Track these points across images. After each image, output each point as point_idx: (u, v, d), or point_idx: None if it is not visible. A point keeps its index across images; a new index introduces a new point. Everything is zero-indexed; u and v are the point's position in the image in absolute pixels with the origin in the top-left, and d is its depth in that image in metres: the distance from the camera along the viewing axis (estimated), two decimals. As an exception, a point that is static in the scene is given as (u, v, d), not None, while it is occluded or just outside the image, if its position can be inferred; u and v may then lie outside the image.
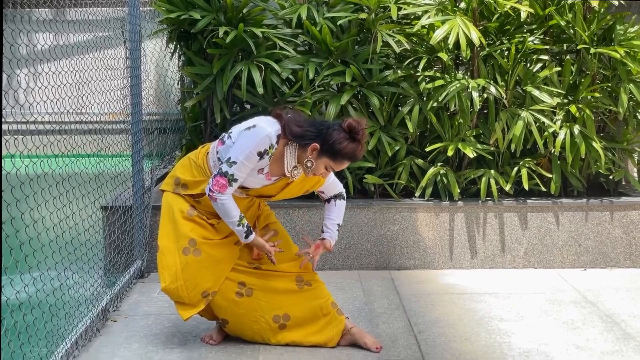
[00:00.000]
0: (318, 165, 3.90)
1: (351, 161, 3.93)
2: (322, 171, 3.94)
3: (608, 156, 6.12)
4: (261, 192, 4.12)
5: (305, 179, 4.10)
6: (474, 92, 5.85)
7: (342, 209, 4.31)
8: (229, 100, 6.11)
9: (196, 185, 4.08)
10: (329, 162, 3.88)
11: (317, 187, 4.21)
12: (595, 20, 6.04)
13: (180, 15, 5.80)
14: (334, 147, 3.82)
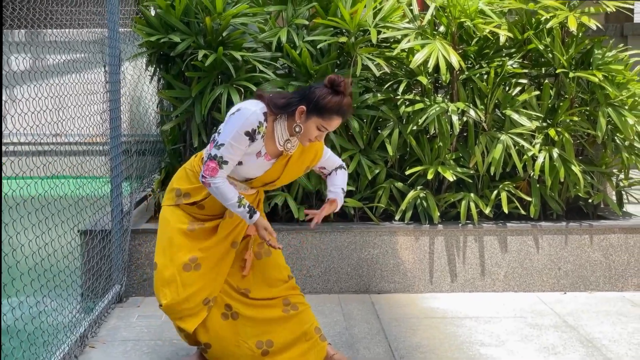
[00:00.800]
0: (308, 127, 3.80)
1: (340, 116, 3.80)
2: (315, 133, 3.83)
3: (587, 180, 6.15)
4: (264, 180, 4.02)
5: (302, 154, 4.02)
6: (453, 116, 5.86)
7: (344, 177, 4.26)
8: (209, 123, 6.09)
9: (197, 192, 4.03)
10: (318, 121, 3.79)
11: (316, 161, 4.14)
12: (573, 44, 6.08)
13: (160, 38, 5.78)
14: (319, 103, 3.75)
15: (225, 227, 4.06)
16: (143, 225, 5.94)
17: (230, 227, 4.08)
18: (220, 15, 5.83)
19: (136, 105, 7.20)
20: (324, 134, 3.88)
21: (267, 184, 4.07)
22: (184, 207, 4.09)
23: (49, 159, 4.44)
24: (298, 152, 4.01)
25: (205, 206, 4.05)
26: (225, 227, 4.06)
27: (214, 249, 4.06)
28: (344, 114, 3.82)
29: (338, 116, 3.79)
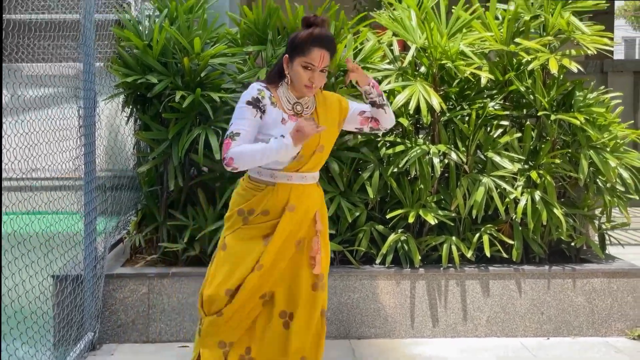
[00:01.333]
0: (296, 72, 3.74)
1: (317, 45, 3.70)
2: (306, 74, 3.72)
3: (569, 222, 6.08)
4: (309, 149, 3.84)
5: (327, 110, 3.95)
6: (434, 158, 5.79)
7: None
8: (186, 164, 5.99)
9: (257, 202, 3.87)
10: (301, 60, 3.71)
11: (344, 110, 4.04)
12: (554, 86, 6.04)
13: (137, 79, 5.69)
14: (295, 42, 3.74)
15: (286, 221, 3.87)
16: (118, 270, 5.81)
17: (292, 220, 3.88)
18: (199, 56, 5.76)
19: (113, 140, 7.11)
20: (317, 72, 3.74)
21: (314, 152, 3.86)
22: (251, 226, 3.91)
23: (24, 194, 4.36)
24: (322, 109, 3.93)
25: (269, 210, 3.87)
26: (286, 221, 3.87)
27: (278, 251, 3.89)
28: (320, 41, 3.71)
29: (315, 46, 3.69)
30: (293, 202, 3.86)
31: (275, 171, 3.85)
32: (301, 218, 3.90)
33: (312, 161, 3.89)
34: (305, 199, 3.91)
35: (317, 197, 4.01)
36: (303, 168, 3.87)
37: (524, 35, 6.09)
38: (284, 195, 3.86)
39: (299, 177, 3.88)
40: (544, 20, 6.11)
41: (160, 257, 6.03)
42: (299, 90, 3.82)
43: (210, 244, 5.80)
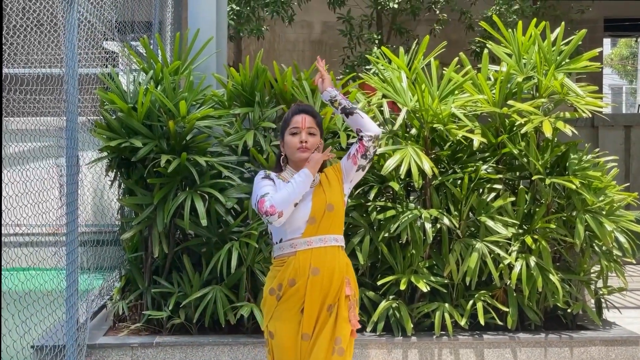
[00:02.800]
0: (287, 142, 3.97)
1: (298, 112, 3.99)
2: (294, 140, 3.94)
3: (565, 288, 5.92)
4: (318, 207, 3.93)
5: (329, 179, 4.04)
6: (426, 223, 5.64)
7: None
8: (172, 229, 5.82)
9: (281, 275, 3.93)
10: (288, 130, 3.97)
11: (339, 167, 4.10)
12: (548, 149, 5.92)
13: (121, 143, 5.54)
14: (282, 123, 4.06)
15: (312, 286, 3.87)
16: (100, 339, 5.62)
17: (319, 285, 3.89)
18: (184, 119, 5.62)
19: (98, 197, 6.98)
20: (304, 134, 3.93)
21: (324, 211, 3.93)
22: (284, 303, 3.94)
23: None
24: (325, 179, 4.03)
25: (294, 279, 3.90)
26: (312, 286, 3.87)
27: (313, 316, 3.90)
28: (298, 108, 4.03)
29: (295, 114, 3.99)
30: (316, 265, 3.89)
31: (295, 240, 3.92)
32: (327, 281, 3.90)
33: (325, 221, 3.94)
34: (328, 262, 3.92)
35: (342, 261, 4.00)
36: (319, 230, 3.92)
37: (516, 97, 5.98)
38: (305, 261, 3.89)
39: (317, 240, 3.92)
40: (537, 82, 6.00)
41: (144, 325, 5.83)
42: (296, 161, 3.96)
43: (196, 311, 5.62)
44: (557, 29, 6.04)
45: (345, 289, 3.94)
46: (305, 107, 4.06)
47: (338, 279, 3.92)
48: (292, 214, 3.87)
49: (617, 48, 35.95)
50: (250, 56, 6.47)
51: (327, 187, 4.00)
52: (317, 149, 3.96)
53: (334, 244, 3.96)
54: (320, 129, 4.04)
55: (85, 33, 5.92)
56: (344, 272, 3.96)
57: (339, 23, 11.98)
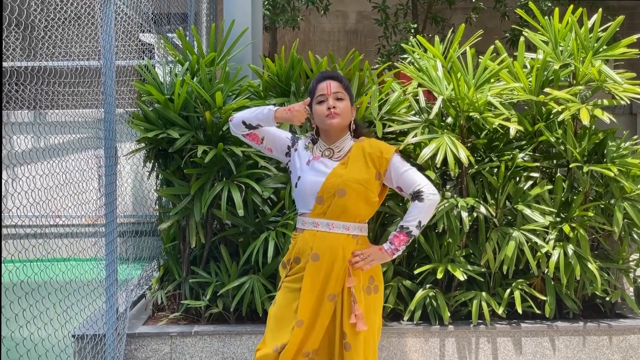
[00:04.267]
0: (316, 111, 3.89)
1: (322, 79, 3.91)
2: (322, 107, 3.86)
3: (604, 277, 5.87)
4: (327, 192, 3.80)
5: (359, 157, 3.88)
6: (463, 212, 5.62)
7: (416, 209, 3.91)
8: (209, 219, 5.86)
9: (292, 249, 3.94)
10: (315, 99, 3.88)
11: (386, 163, 3.91)
12: (586, 136, 5.86)
13: (158, 134, 5.59)
14: (309, 92, 3.99)
15: (310, 272, 3.79)
16: (139, 328, 5.68)
17: (317, 271, 3.80)
18: (221, 109, 5.65)
19: (137, 187, 7.05)
20: (331, 100, 3.84)
21: (334, 194, 3.78)
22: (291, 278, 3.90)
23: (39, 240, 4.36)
24: (354, 155, 3.89)
25: (299, 257, 3.86)
26: (310, 272, 3.79)
27: (309, 304, 3.79)
28: (322, 76, 3.93)
29: (319, 82, 3.90)
30: (316, 251, 3.78)
31: (304, 217, 3.86)
32: (327, 270, 3.77)
33: (334, 206, 3.79)
34: (331, 250, 3.78)
35: (350, 250, 3.84)
36: (327, 214, 3.79)
37: (553, 85, 5.93)
38: (308, 243, 3.81)
39: (324, 225, 3.80)
40: (574, 69, 5.95)
41: (182, 314, 5.89)
42: (325, 129, 3.87)
43: (233, 300, 5.66)
44: (594, 15, 5.97)
45: (348, 279, 3.79)
46: (330, 72, 3.95)
47: (340, 268, 3.78)
48: (302, 181, 3.82)
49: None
50: (285, 47, 6.48)
51: (353, 168, 3.82)
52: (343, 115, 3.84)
53: (342, 232, 3.81)
54: (349, 92, 3.92)
55: (122, 25, 5.99)
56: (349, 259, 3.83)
57: (374, 12, 11.97)
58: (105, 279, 5.24)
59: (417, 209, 3.89)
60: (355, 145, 3.91)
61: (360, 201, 3.83)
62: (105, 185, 5.30)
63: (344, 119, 3.87)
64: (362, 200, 3.83)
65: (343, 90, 3.86)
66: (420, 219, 3.89)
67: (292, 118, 3.84)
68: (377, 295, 3.95)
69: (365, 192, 3.83)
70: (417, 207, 3.89)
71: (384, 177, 3.93)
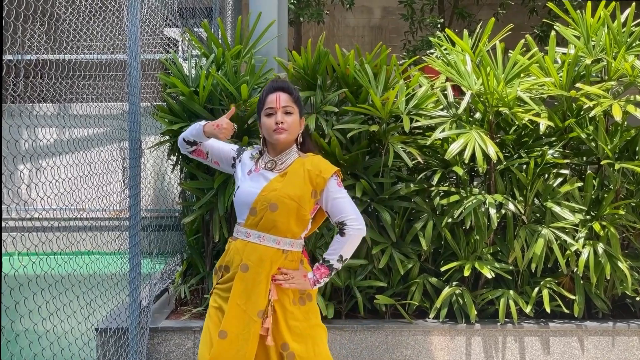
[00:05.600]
0: (263, 124, 3.73)
1: (271, 90, 3.74)
2: (270, 120, 3.69)
3: (634, 276, 5.76)
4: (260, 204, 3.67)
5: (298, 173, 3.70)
6: (491, 209, 5.53)
7: (337, 243, 3.74)
8: (233, 213, 5.80)
9: (223, 256, 3.81)
10: (263, 111, 3.73)
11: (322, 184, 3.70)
12: (618, 133, 5.75)
13: (183, 126, 5.54)
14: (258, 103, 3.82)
15: (238, 283, 3.64)
16: (162, 323, 5.64)
17: (245, 283, 3.64)
18: (246, 102, 5.59)
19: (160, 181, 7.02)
20: (279, 114, 3.68)
21: (265, 208, 3.65)
22: (220, 287, 3.77)
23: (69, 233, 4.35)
24: (293, 170, 3.73)
25: (229, 266, 3.73)
26: (238, 283, 3.64)
27: (235, 316, 3.63)
28: (270, 87, 3.77)
29: (268, 93, 3.75)
30: (245, 262, 3.65)
31: (239, 226, 3.75)
32: (257, 282, 3.63)
33: (266, 220, 3.66)
34: (260, 262, 3.64)
35: (278, 264, 3.70)
36: (259, 226, 3.67)
37: (584, 80, 5.82)
38: (239, 252, 3.70)
39: (256, 236, 3.67)
40: (606, 64, 5.84)
41: (205, 308, 5.82)
42: (274, 143, 3.73)
43: (257, 296, 5.59)
44: (627, 10, 5.86)
45: (271, 292, 3.65)
46: (280, 83, 3.77)
47: (267, 281, 3.65)
48: (239, 191, 3.73)
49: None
50: (310, 39, 6.41)
51: (289, 182, 3.70)
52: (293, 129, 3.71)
53: (273, 245, 3.66)
54: (298, 105, 3.77)
55: (148, 18, 5.94)
56: (276, 273, 3.68)
57: (399, 8, 11.90)
58: (128, 272, 5.20)
59: (338, 243, 3.74)
60: (298, 159, 3.77)
61: (292, 217, 3.69)
62: (129, 177, 5.26)
63: (291, 134, 3.74)
64: (293, 216, 3.69)
65: (293, 103, 3.73)
66: (342, 253, 3.74)
67: (218, 134, 3.75)
68: (312, 302, 3.85)
69: (297, 209, 3.68)
70: (338, 241, 3.74)
71: (319, 196, 3.76)
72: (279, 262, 3.68)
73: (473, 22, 11.66)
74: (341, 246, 3.73)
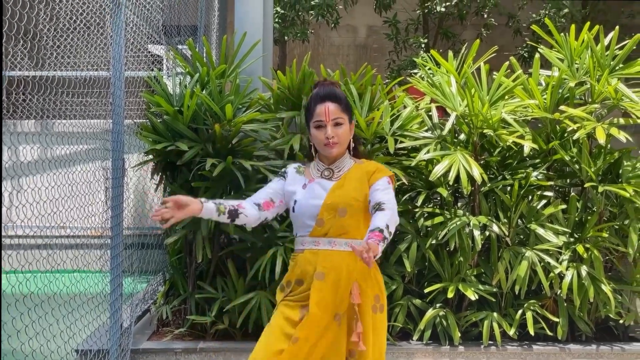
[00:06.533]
0: (313, 135, 3.69)
1: (319, 100, 3.66)
2: (320, 133, 3.65)
3: (617, 299, 5.76)
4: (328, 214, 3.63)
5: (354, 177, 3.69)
6: (475, 230, 5.53)
7: (380, 215, 3.49)
8: (217, 233, 5.77)
9: (292, 271, 3.76)
10: (313, 122, 3.67)
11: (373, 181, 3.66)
12: (601, 155, 5.77)
13: (167, 146, 5.51)
14: (305, 110, 3.79)
15: (318, 291, 3.60)
16: (144, 344, 5.59)
17: (324, 290, 3.60)
18: (231, 122, 5.57)
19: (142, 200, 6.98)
20: (330, 127, 3.63)
21: (334, 215, 3.61)
22: (290, 298, 3.72)
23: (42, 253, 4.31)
24: (350, 175, 3.72)
25: (302, 279, 3.69)
26: (317, 291, 3.60)
27: (312, 322, 3.58)
28: (318, 97, 3.69)
29: (316, 103, 3.68)
30: (320, 270, 3.62)
31: (304, 237, 3.71)
32: (334, 288, 3.61)
33: (335, 227, 3.63)
34: (335, 267, 3.62)
35: (354, 267, 3.63)
36: (329, 233, 3.64)
37: (568, 103, 5.84)
38: (311, 262, 3.66)
39: (326, 243, 3.65)
40: (589, 87, 5.86)
41: (187, 330, 5.79)
42: (325, 155, 3.71)
43: (240, 316, 5.56)
44: (609, 33, 5.89)
45: (353, 296, 3.60)
46: (328, 91, 3.69)
47: (346, 286, 3.60)
48: (300, 206, 3.67)
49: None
50: (295, 59, 6.41)
51: (350, 186, 3.66)
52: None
53: (345, 249, 3.62)
54: (348, 112, 3.71)
55: (132, 36, 5.92)
56: (354, 278, 3.62)
57: (384, 27, 11.93)
58: (110, 293, 5.15)
59: (380, 214, 3.50)
60: (355, 166, 3.76)
61: (361, 218, 3.67)
62: (112, 197, 5.22)
63: (343, 146, 3.72)
64: (362, 217, 3.67)
65: (342, 112, 3.66)
66: (387, 223, 3.45)
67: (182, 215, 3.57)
68: (383, 315, 3.81)
69: (364, 209, 3.67)
70: (378, 214, 3.52)
71: (369, 188, 3.70)
72: (353, 265, 3.63)
73: (457, 42, 11.70)
74: (383, 216, 3.48)
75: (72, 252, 4.92)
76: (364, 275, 3.67)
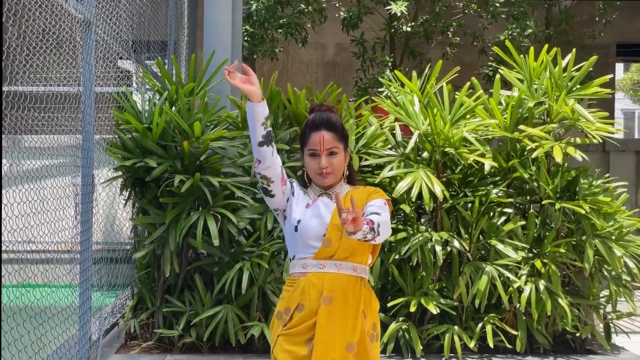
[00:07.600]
0: (306, 163, 3.41)
1: (315, 128, 3.36)
2: (313, 162, 3.35)
3: (574, 312, 5.93)
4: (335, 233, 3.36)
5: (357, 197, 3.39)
6: (437, 246, 5.68)
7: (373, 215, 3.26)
8: (184, 248, 5.87)
9: (291, 296, 3.41)
10: (307, 150, 3.37)
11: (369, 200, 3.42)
12: (559, 173, 5.96)
13: (136, 162, 5.61)
14: (300, 136, 3.46)
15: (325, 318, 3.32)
16: (112, 357, 5.67)
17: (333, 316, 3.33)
18: (199, 139, 5.69)
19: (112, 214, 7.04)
20: (324, 157, 3.35)
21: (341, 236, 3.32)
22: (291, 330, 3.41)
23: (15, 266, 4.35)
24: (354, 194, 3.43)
25: (303, 304, 3.37)
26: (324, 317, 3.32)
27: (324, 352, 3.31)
28: (314, 124, 3.41)
29: (312, 131, 3.40)
30: (328, 294, 3.33)
31: (307, 260, 3.42)
32: (343, 315, 3.35)
33: (343, 247, 3.37)
34: (343, 292, 3.36)
35: (362, 294, 3.37)
36: (336, 255, 3.38)
37: (527, 122, 6.03)
38: (316, 286, 3.37)
39: (332, 265, 3.38)
40: (548, 107, 6.05)
41: (155, 343, 5.87)
42: (317, 184, 3.47)
43: (207, 329, 5.66)
44: (569, 54, 6.09)
45: (364, 322, 3.37)
46: (324, 118, 3.42)
47: (354, 312, 3.34)
48: (304, 226, 3.40)
49: (630, 73, 35.85)
50: (264, 77, 6.53)
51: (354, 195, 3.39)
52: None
53: (351, 273, 3.37)
54: (343, 141, 3.47)
55: (102, 53, 6.00)
56: (362, 305, 3.35)
57: (352, 45, 12.04)
58: (79, 306, 5.22)
59: (376, 215, 3.22)
60: (351, 190, 3.49)
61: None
62: (81, 213, 5.30)
63: (337, 176, 3.47)
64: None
65: (338, 142, 3.42)
66: (380, 222, 3.19)
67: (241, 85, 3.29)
68: (377, 344, 3.71)
69: None
70: (374, 215, 3.24)
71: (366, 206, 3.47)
72: (357, 289, 3.37)
73: (423, 60, 11.86)
74: (378, 217, 3.25)
75: (42, 266, 4.97)
76: (366, 302, 3.44)
